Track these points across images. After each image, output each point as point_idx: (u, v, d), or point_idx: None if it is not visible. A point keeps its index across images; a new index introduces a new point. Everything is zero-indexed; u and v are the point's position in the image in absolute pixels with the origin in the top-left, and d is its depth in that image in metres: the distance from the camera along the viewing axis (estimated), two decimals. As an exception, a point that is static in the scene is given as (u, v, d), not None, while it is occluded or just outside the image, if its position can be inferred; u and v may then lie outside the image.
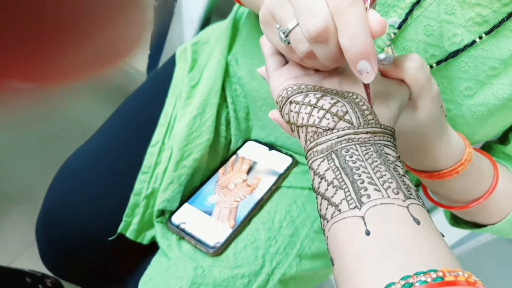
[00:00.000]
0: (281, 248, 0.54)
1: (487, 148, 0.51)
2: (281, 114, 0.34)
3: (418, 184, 0.58)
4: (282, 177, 0.59)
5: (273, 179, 0.58)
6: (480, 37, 0.40)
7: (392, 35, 0.43)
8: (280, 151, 0.62)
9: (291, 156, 0.61)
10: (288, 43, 0.31)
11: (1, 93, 0.13)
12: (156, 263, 0.53)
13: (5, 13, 0.12)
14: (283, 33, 0.31)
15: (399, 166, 0.28)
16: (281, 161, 0.61)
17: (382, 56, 0.34)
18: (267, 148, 0.62)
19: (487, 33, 0.40)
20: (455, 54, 0.42)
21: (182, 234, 0.53)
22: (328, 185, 0.27)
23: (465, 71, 0.42)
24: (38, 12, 0.12)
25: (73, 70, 0.14)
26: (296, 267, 0.54)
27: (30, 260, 0.88)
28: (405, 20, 0.42)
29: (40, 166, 0.90)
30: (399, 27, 0.42)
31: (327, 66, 0.32)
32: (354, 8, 0.26)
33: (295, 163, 0.61)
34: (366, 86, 0.30)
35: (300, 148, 0.62)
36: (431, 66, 0.43)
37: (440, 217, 0.72)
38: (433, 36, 0.42)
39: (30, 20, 0.12)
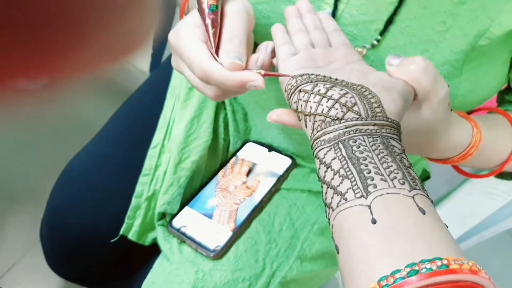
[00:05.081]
0: (282, 250, 0.54)
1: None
2: (289, 102, 0.34)
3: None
4: (281, 178, 0.59)
5: (272, 180, 0.58)
6: None
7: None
8: (280, 152, 0.62)
9: (290, 157, 0.61)
10: None
11: (4, 93, 0.13)
12: (158, 267, 0.53)
13: (7, 11, 0.12)
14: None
15: (404, 158, 0.28)
16: (281, 162, 0.60)
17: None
18: (266, 149, 0.62)
19: None
20: (391, 19, 0.42)
21: (183, 237, 0.54)
22: (334, 174, 0.27)
23: (414, 35, 0.42)
24: (44, 8, 0.12)
25: (80, 65, 0.14)
26: (296, 270, 0.54)
27: (35, 260, 0.89)
28: (335, 7, 0.42)
29: (44, 166, 0.91)
30: (334, 16, 0.42)
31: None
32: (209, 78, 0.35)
33: (294, 164, 0.61)
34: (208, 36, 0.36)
35: (297, 151, 0.61)
36: (377, 41, 0.43)
37: (443, 211, 0.72)
38: (369, 13, 0.42)
39: (34, 17, 0.12)
